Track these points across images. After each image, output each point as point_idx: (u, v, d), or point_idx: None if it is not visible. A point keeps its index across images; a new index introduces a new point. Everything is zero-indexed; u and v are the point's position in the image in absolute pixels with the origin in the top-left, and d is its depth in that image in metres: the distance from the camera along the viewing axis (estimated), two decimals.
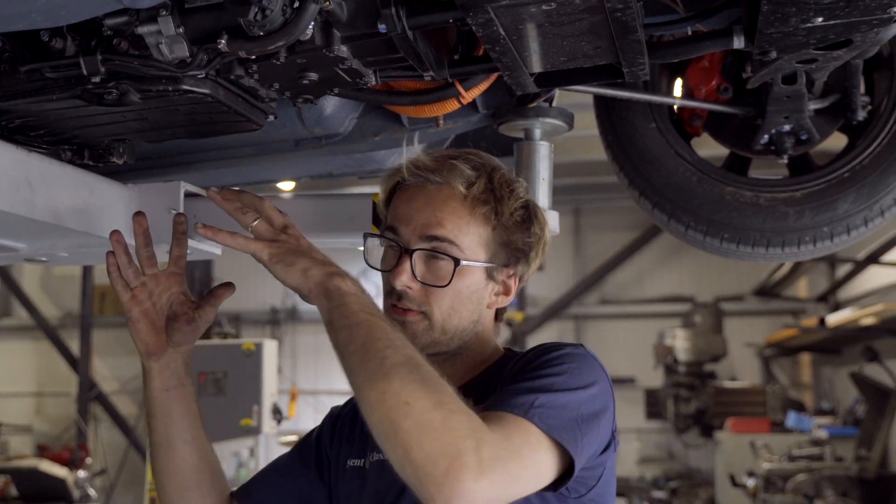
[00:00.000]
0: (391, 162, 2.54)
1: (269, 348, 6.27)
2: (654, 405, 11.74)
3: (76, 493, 7.66)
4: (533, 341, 12.38)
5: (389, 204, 1.70)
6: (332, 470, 1.79)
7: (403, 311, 1.61)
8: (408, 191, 1.67)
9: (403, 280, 1.60)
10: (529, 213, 1.69)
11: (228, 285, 1.77)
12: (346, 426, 1.80)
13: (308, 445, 1.84)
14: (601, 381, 1.56)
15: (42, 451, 11.07)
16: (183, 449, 1.72)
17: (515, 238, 1.66)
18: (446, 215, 1.61)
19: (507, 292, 1.70)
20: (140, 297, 1.75)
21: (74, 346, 12.37)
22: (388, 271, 1.63)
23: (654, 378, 11.82)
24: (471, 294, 1.63)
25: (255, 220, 1.55)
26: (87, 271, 11.94)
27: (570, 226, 13.12)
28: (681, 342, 10.97)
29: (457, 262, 1.60)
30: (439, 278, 1.60)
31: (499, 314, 1.74)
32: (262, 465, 7.26)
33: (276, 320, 12.78)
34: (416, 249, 1.61)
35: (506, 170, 1.71)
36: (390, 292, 1.63)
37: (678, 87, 2.49)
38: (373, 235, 1.71)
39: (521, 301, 11.62)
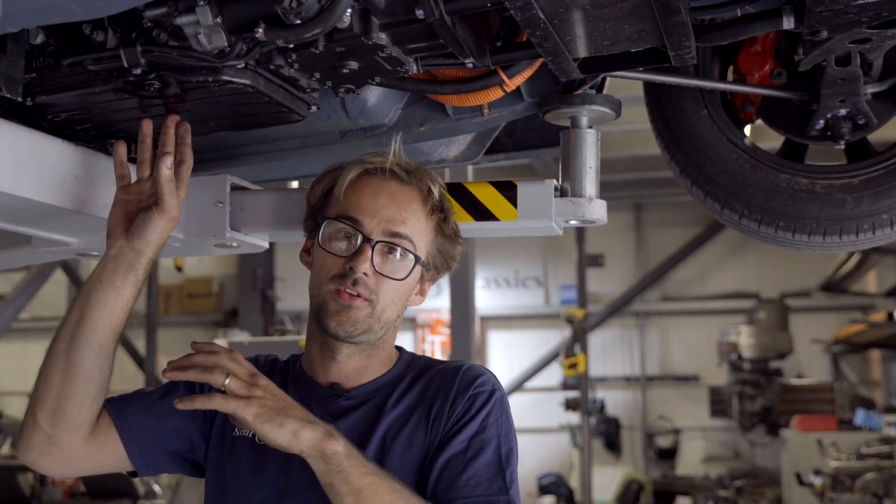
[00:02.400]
0: (438, 154, 2.52)
1: None
2: (718, 403, 11.59)
3: (141, 490, 7.77)
4: (594, 339, 12.30)
5: (347, 191, 1.75)
6: (214, 427, 1.80)
7: (352, 296, 1.68)
8: (372, 183, 1.75)
9: (364, 267, 1.68)
10: (457, 232, 1.85)
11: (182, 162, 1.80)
12: None
13: (188, 387, 1.81)
14: (513, 429, 1.77)
15: None
16: (85, 349, 1.67)
17: (449, 249, 1.83)
18: (409, 215, 1.74)
19: (421, 293, 1.84)
20: (131, 189, 1.76)
21: (140, 345, 12.57)
22: (349, 257, 1.70)
23: (719, 376, 11.66)
24: (407, 290, 1.77)
25: (225, 378, 1.55)
26: (152, 272, 12.11)
27: (631, 222, 13.00)
28: (745, 339, 10.81)
29: (418, 259, 1.74)
30: (394, 271, 1.72)
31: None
32: None
33: None
34: (379, 242, 1.71)
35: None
36: (342, 276, 1.69)
37: (730, 72, 2.43)
38: (334, 220, 1.74)
39: (582, 298, 11.53)
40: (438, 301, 12.25)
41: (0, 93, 1.64)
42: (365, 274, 1.69)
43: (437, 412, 1.69)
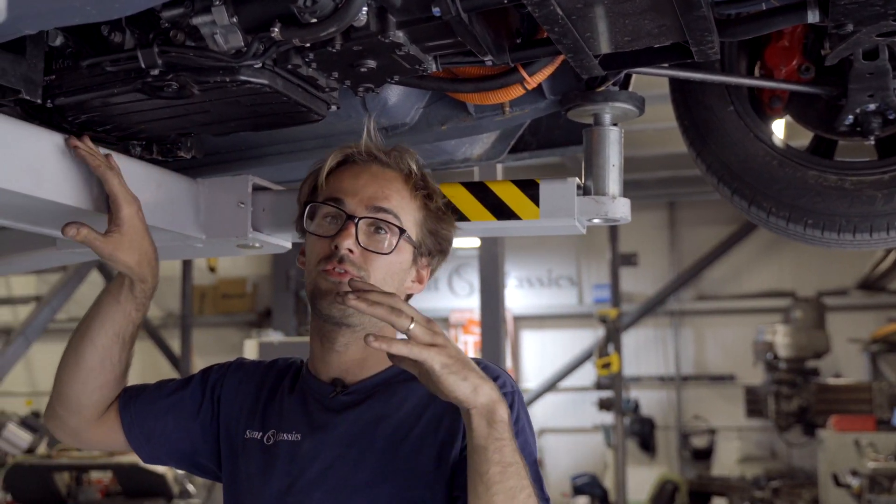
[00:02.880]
0: (462, 153, 2.51)
1: None
2: (754, 403, 11.47)
3: (175, 489, 7.82)
4: (628, 338, 12.23)
5: (329, 180, 1.75)
6: (221, 428, 1.85)
7: (340, 273, 1.66)
8: (353, 167, 1.75)
9: (349, 243, 1.67)
10: (448, 211, 1.82)
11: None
12: (248, 394, 1.85)
13: (198, 389, 1.89)
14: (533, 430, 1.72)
15: None
16: (88, 346, 1.81)
17: (439, 228, 1.79)
18: (392, 192, 1.73)
19: (419, 281, 1.79)
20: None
21: (175, 346, 12.67)
22: (332, 236, 1.69)
23: (754, 375, 11.56)
24: (399, 271, 1.73)
25: (411, 323, 1.48)
26: (186, 273, 12.21)
27: (664, 220, 12.91)
28: (781, 338, 10.70)
29: (402, 231, 1.71)
30: (380, 246, 1.70)
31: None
32: None
33: None
34: (363, 217, 1.69)
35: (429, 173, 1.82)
36: (328, 257, 1.68)
37: (757, 68, 2.40)
38: (316, 203, 1.75)
39: (615, 297, 11.47)
40: (471, 301, 12.24)
41: (20, 95, 1.65)
42: (350, 251, 1.67)
43: (451, 419, 1.64)
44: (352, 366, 1.75)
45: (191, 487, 8.17)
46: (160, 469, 7.81)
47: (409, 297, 1.81)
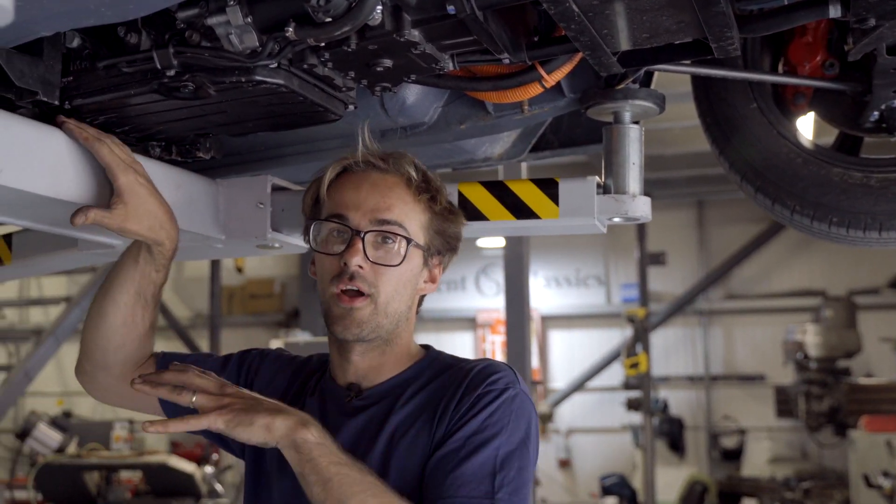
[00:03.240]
0: (482, 152, 2.50)
1: None
2: (784, 403, 11.36)
3: (204, 489, 7.86)
4: (656, 338, 12.16)
5: (330, 193, 1.74)
6: None
7: (351, 297, 1.68)
8: (352, 178, 1.74)
9: (357, 260, 1.67)
10: (453, 209, 1.82)
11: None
12: (278, 389, 1.85)
13: (234, 373, 1.91)
14: (531, 426, 1.67)
15: (175, 447, 11.42)
16: (109, 304, 1.84)
17: (447, 227, 1.78)
18: (394, 201, 1.71)
19: (432, 280, 1.80)
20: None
21: (204, 346, 12.73)
22: (340, 254, 1.68)
23: (784, 375, 11.45)
24: (411, 277, 1.74)
25: (193, 396, 1.57)
26: (215, 274, 12.28)
27: (693, 219, 12.83)
28: (811, 338, 10.59)
29: (409, 241, 1.70)
30: (389, 259, 1.69)
31: (419, 304, 1.83)
32: None
33: None
34: (368, 231, 1.68)
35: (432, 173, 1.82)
36: (338, 275, 1.68)
37: (780, 64, 2.37)
38: (320, 221, 1.75)
39: (644, 297, 11.41)
40: (498, 300, 12.23)
41: (38, 96, 1.65)
42: (360, 267, 1.67)
43: (443, 410, 1.65)
44: (368, 372, 1.76)
45: (219, 487, 8.21)
46: (189, 469, 7.86)
47: (422, 297, 1.82)
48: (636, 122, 2.08)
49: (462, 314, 13.25)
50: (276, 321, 13.05)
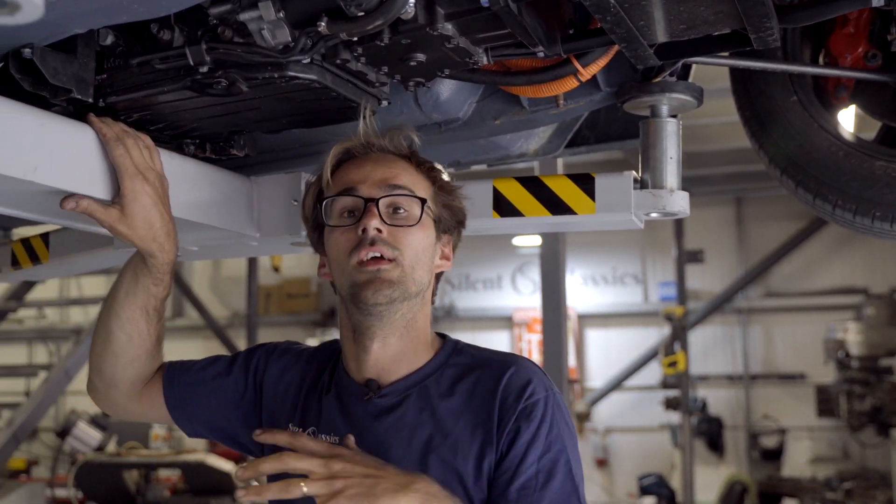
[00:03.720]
0: (518, 147, 2.48)
1: None
2: (825, 402, 11.22)
3: (241, 487, 7.90)
4: (694, 337, 12.05)
5: (334, 179, 1.73)
6: (264, 415, 1.83)
7: (375, 260, 1.63)
8: (354, 161, 1.73)
9: (375, 223, 1.63)
10: (454, 184, 1.79)
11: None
12: (291, 385, 1.82)
13: (241, 374, 1.87)
14: (570, 420, 1.68)
15: (213, 446, 11.49)
16: (114, 320, 1.82)
17: (452, 201, 1.76)
18: (400, 171, 1.70)
19: (446, 258, 1.78)
20: None
21: (241, 345, 12.80)
22: (356, 222, 1.65)
23: (825, 374, 11.31)
24: (428, 247, 1.71)
25: (303, 486, 1.45)
26: (252, 273, 12.34)
27: (731, 216, 12.70)
28: (853, 336, 10.45)
29: (423, 201, 1.68)
30: (406, 219, 1.67)
31: (435, 288, 1.79)
32: None
33: (433, 317, 12.85)
34: (382, 197, 1.66)
35: None
36: (357, 245, 1.64)
37: (821, 56, 2.32)
38: (331, 198, 1.70)
39: (681, 295, 11.31)
40: (534, 299, 12.18)
41: (72, 94, 1.65)
42: (379, 230, 1.63)
43: (485, 429, 1.61)
44: (386, 364, 1.70)
45: (255, 485, 8.24)
46: (226, 467, 7.91)
47: (439, 275, 1.79)
48: (674, 116, 2.04)
49: (498, 313, 13.22)
50: (312, 321, 13.09)
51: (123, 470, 8.16)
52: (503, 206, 2.08)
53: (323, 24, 1.55)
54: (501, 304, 13.21)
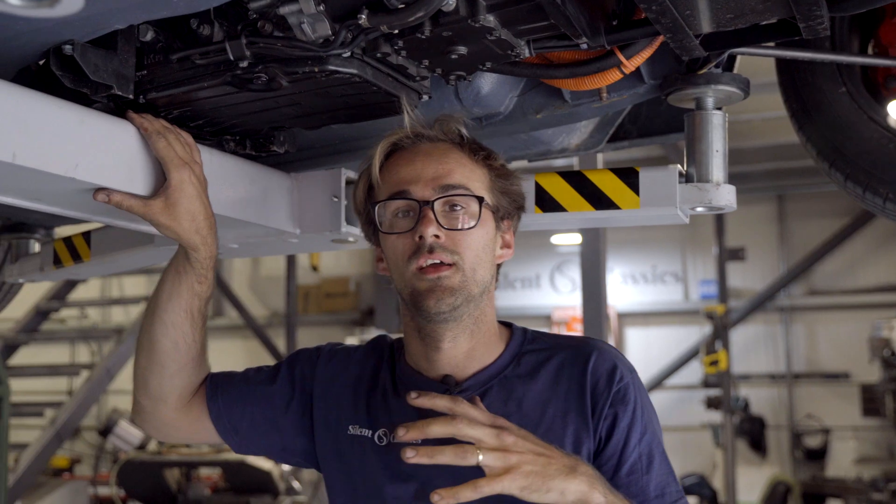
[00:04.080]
0: (559, 142, 2.45)
1: None
2: (871, 402, 11.08)
3: (282, 486, 7.93)
4: (736, 335, 11.93)
5: (383, 175, 1.66)
6: (316, 424, 1.77)
7: (436, 267, 1.58)
8: (403, 154, 1.66)
9: (432, 230, 1.57)
10: (510, 168, 1.72)
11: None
12: (345, 387, 1.76)
13: (286, 383, 1.82)
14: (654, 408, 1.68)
15: None
16: (158, 326, 1.75)
17: (509, 185, 1.69)
18: (453, 165, 1.63)
19: (508, 246, 1.71)
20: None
21: (281, 345, 12.86)
22: (412, 229, 1.59)
23: (871, 373, 11.14)
24: (488, 242, 1.64)
25: (478, 454, 1.40)
26: (290, 272, 12.38)
27: (773, 213, 12.56)
28: None
29: (481, 200, 1.61)
30: (464, 223, 1.60)
31: (497, 277, 1.73)
32: None
33: None
34: (436, 199, 1.59)
35: None
36: (415, 252, 1.58)
37: (871, 46, 2.27)
38: (382, 202, 1.64)
39: (723, 293, 11.20)
40: (573, 298, 12.13)
41: (112, 91, 1.65)
42: (437, 237, 1.57)
43: (578, 415, 1.60)
44: (461, 359, 1.65)
45: (296, 484, 8.28)
46: (267, 466, 7.94)
47: (499, 267, 1.72)
48: (719, 108, 2.00)
49: (537, 312, 13.17)
50: (351, 319, 13.11)
51: (165, 468, 8.21)
52: (546, 202, 2.06)
53: (363, 16, 1.53)
54: (540, 303, 13.15)
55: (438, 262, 1.58)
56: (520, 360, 1.68)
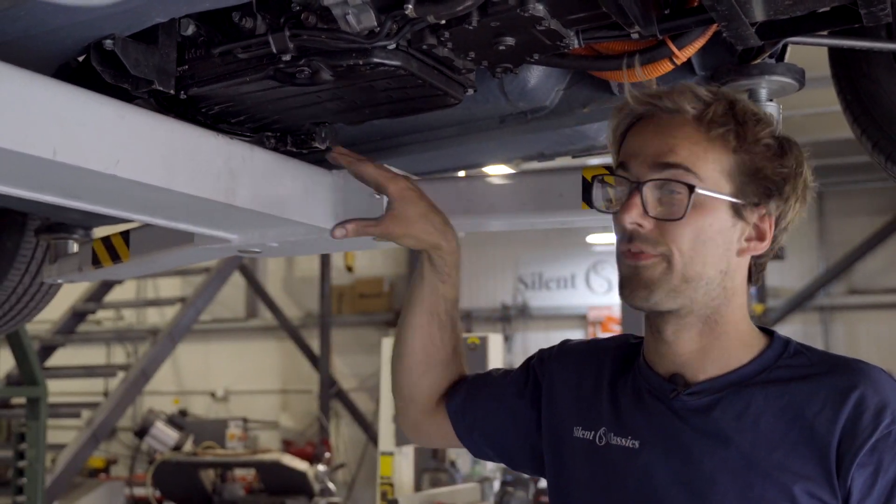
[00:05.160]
0: (604, 138, 2.38)
1: (495, 342, 6.27)
2: None
3: (316, 487, 7.92)
4: None
5: (620, 144, 1.51)
6: (543, 421, 1.67)
7: (634, 254, 1.42)
8: (639, 125, 1.48)
9: (633, 216, 1.41)
10: (782, 144, 1.46)
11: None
12: (573, 382, 1.64)
13: (521, 378, 1.75)
14: None
15: (287, 445, 11.57)
16: (407, 330, 1.79)
17: (764, 166, 1.43)
18: (679, 141, 1.41)
19: (760, 237, 1.46)
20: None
21: (315, 345, 12.87)
22: (616, 211, 1.44)
23: None
24: (715, 235, 1.41)
25: None
26: (324, 273, 12.39)
27: (812, 211, 12.14)
28: None
29: (691, 188, 1.38)
30: (672, 212, 1.40)
31: (752, 273, 1.50)
32: (487, 463, 7.18)
33: (506, 317, 12.79)
34: (647, 181, 1.41)
35: (751, 102, 1.54)
36: (622, 236, 1.44)
37: None
38: (598, 181, 1.51)
39: (761, 292, 11.06)
40: (609, 297, 12.04)
41: (153, 86, 1.62)
42: (639, 225, 1.41)
43: (818, 453, 1.35)
44: (691, 359, 1.47)
45: (331, 485, 8.27)
46: (301, 467, 7.94)
47: (758, 262, 1.50)
48: (772, 100, 1.94)
49: (573, 312, 13.08)
50: (385, 320, 13.09)
51: (200, 469, 8.24)
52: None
53: (410, 6, 1.49)
54: (575, 303, 13.07)
55: (640, 252, 1.42)
56: (770, 373, 1.44)
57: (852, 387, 1.36)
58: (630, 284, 1.43)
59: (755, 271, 1.50)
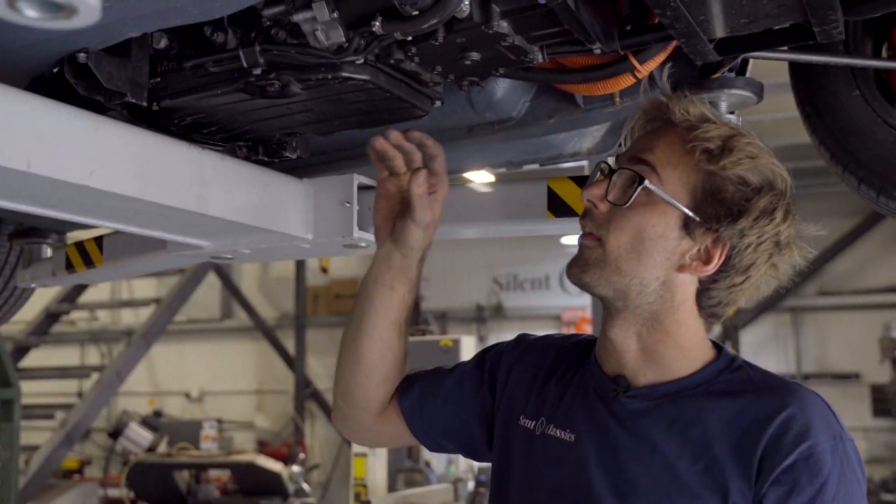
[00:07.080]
0: (571, 146, 2.43)
1: (468, 344, 6.32)
2: (881, 402, 11.05)
3: (291, 488, 7.94)
4: (746, 336, 11.90)
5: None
6: (497, 412, 1.70)
7: (584, 235, 1.51)
8: (649, 126, 1.57)
9: (591, 193, 1.49)
10: (764, 182, 1.52)
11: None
12: (526, 374, 1.68)
13: (474, 375, 1.77)
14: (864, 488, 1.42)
15: (262, 446, 11.57)
16: (365, 340, 1.73)
17: (727, 190, 1.46)
18: (660, 144, 1.48)
19: (706, 261, 1.46)
20: (388, 184, 1.72)
21: (290, 346, 12.88)
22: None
23: (881, 373, 11.11)
24: (656, 237, 1.45)
25: None
26: (300, 274, 12.40)
27: None
28: None
29: (640, 179, 1.44)
30: (622, 199, 1.46)
31: (700, 299, 1.50)
32: (461, 463, 7.19)
33: (482, 317, 12.86)
34: (619, 169, 1.48)
35: (766, 151, 1.58)
36: (582, 214, 1.53)
37: (885, 49, 2.26)
38: (599, 163, 1.58)
39: None
40: (582, 298, 12.10)
41: (126, 98, 1.65)
42: (594, 205, 1.49)
43: (741, 468, 1.36)
44: (632, 361, 1.50)
45: (305, 486, 8.29)
46: (276, 468, 7.95)
47: (704, 285, 1.49)
48: (732, 112, 2.00)
49: (546, 312, 13.15)
50: None
51: (174, 470, 8.23)
52: (558, 206, 2.05)
53: (377, 23, 1.53)
54: (550, 304, 13.14)
55: (588, 231, 1.50)
56: (709, 387, 1.46)
57: (782, 407, 1.39)
58: (572, 260, 1.52)
59: (704, 299, 1.51)
